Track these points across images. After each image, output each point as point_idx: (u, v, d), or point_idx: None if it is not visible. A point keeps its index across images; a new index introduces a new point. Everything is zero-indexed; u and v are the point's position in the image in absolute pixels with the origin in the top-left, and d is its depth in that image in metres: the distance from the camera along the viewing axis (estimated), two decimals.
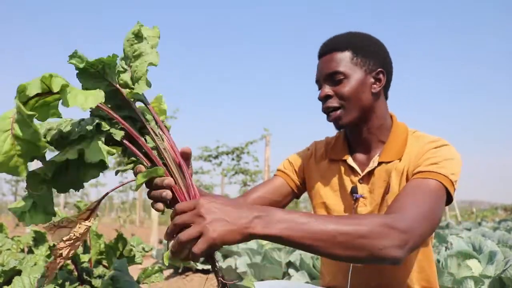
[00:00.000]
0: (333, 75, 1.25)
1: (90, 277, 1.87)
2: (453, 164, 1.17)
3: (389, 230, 0.92)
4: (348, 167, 1.35)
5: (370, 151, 1.33)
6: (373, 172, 1.30)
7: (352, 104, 1.25)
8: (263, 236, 0.84)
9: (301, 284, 1.47)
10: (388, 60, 1.32)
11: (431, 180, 1.13)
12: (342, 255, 0.89)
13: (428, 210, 1.04)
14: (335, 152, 1.40)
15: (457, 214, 16.80)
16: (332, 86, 1.26)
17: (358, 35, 1.31)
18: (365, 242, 0.89)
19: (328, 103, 1.26)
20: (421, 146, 1.24)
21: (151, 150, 0.88)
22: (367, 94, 1.27)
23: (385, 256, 0.92)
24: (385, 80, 1.30)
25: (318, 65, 1.32)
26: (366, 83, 1.26)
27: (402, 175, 1.24)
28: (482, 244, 2.81)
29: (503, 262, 2.54)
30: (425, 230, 1.01)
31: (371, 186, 1.30)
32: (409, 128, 1.34)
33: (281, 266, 3.55)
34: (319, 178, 1.41)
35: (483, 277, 2.42)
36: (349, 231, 0.89)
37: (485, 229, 4.82)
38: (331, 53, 1.28)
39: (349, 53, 1.26)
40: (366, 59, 1.27)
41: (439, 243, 3.85)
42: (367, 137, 1.32)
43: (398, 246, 0.93)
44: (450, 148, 1.22)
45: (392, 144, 1.29)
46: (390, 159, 1.27)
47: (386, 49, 1.33)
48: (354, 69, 1.25)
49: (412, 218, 0.99)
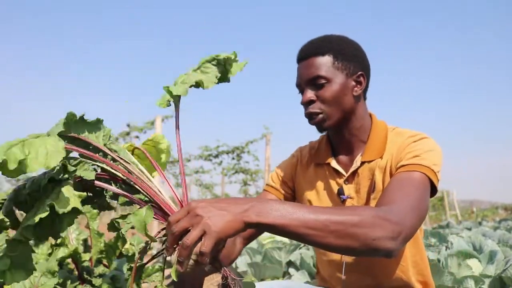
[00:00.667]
0: (315, 79, 1.27)
1: (90, 276, 1.87)
2: (434, 155, 1.19)
3: (381, 221, 0.93)
4: (332, 170, 1.37)
5: (353, 151, 1.35)
6: (357, 172, 1.32)
7: (335, 108, 1.27)
8: (258, 224, 0.84)
9: (300, 284, 1.47)
10: (367, 63, 1.34)
11: (415, 172, 1.15)
12: (335, 244, 0.89)
13: (417, 202, 1.07)
14: (319, 156, 1.42)
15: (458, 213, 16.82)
16: (314, 91, 1.28)
17: (337, 38, 1.32)
18: (358, 232, 0.90)
19: (311, 108, 1.28)
20: (401, 141, 1.26)
21: (128, 174, 0.88)
22: (349, 97, 1.29)
23: (378, 247, 0.92)
24: (365, 83, 1.32)
25: (299, 69, 1.33)
26: (347, 86, 1.28)
27: (385, 171, 1.27)
28: (483, 243, 2.82)
29: (503, 261, 2.55)
30: (416, 221, 1.03)
31: (356, 186, 1.32)
32: (388, 126, 1.37)
33: (281, 265, 3.55)
34: (307, 184, 1.43)
35: (483, 277, 2.42)
36: (341, 220, 0.90)
37: (486, 229, 4.83)
38: (312, 57, 1.29)
39: (329, 57, 1.27)
40: (347, 63, 1.29)
41: (439, 242, 3.85)
42: (348, 138, 1.34)
43: (391, 237, 0.93)
44: (429, 140, 1.25)
45: (372, 143, 1.32)
46: (372, 158, 1.30)
47: (364, 52, 1.35)
48: (336, 73, 1.27)
49: (402, 210, 1.01)
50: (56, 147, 0.74)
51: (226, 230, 0.80)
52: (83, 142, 0.91)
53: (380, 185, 1.27)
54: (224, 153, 12.59)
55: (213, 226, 0.79)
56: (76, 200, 0.79)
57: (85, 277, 1.83)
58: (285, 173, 1.49)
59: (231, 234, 0.82)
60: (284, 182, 1.48)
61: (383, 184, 1.27)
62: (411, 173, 1.15)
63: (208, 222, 0.80)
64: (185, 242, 0.79)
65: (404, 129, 1.34)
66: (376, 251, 0.93)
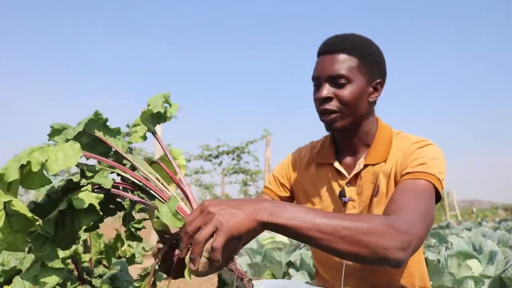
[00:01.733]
0: (337, 77, 1.24)
1: (90, 276, 1.87)
2: (439, 163, 1.19)
3: (392, 230, 0.93)
4: (335, 171, 1.36)
5: (356, 154, 1.35)
6: (360, 174, 1.31)
7: (350, 110, 1.26)
8: (270, 224, 0.84)
9: (299, 283, 1.47)
10: (385, 71, 1.34)
11: (421, 180, 1.14)
12: (345, 250, 0.89)
13: (424, 212, 1.06)
14: (322, 157, 1.41)
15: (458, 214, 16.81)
16: (333, 88, 1.25)
17: (366, 41, 1.30)
18: (369, 240, 0.89)
19: (327, 105, 1.25)
20: (406, 147, 1.26)
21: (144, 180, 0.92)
22: (365, 103, 1.28)
23: (388, 256, 0.91)
24: (381, 91, 1.32)
25: (321, 62, 1.28)
26: (366, 91, 1.27)
27: (390, 176, 1.26)
28: (483, 244, 2.81)
29: (503, 262, 2.55)
30: (424, 232, 1.02)
31: (358, 188, 1.31)
32: (393, 130, 1.36)
33: (281, 266, 3.55)
34: (307, 184, 1.42)
35: (483, 277, 2.42)
36: (352, 226, 0.89)
37: (486, 229, 4.83)
38: (339, 53, 1.25)
39: (357, 59, 1.25)
40: (371, 69, 1.27)
41: (439, 243, 3.85)
42: (354, 141, 1.34)
43: (401, 248, 0.92)
44: (434, 147, 1.24)
45: (377, 146, 1.31)
46: (375, 161, 1.29)
47: (385, 60, 1.34)
48: (358, 76, 1.25)
49: (411, 220, 1.00)
50: (73, 150, 0.78)
51: (238, 227, 0.81)
52: (104, 146, 0.94)
53: (384, 189, 1.26)
54: (224, 153, 12.60)
55: (225, 222, 0.80)
56: (93, 198, 0.82)
57: (84, 278, 1.83)
58: (282, 175, 1.48)
59: (244, 232, 0.82)
60: (282, 184, 1.47)
61: (387, 189, 1.26)
62: (417, 181, 1.15)
63: (220, 219, 0.80)
64: (196, 238, 0.79)
65: (409, 134, 1.33)
66: (386, 261, 0.92)
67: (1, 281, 1.55)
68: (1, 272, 1.56)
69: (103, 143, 0.95)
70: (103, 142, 0.94)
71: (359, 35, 1.31)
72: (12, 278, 1.44)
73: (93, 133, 0.93)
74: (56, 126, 0.91)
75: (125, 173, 0.92)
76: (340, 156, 1.38)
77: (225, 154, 12.66)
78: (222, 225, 0.80)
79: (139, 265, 3.12)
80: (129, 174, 0.92)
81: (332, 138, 1.42)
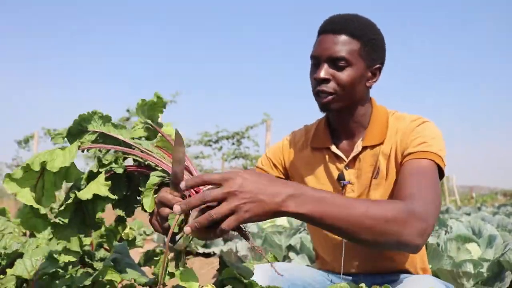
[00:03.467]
0: (338, 59, 1.22)
1: (92, 260, 1.88)
2: (439, 141, 1.20)
3: (411, 218, 0.94)
4: (332, 155, 1.35)
5: (353, 137, 1.34)
6: (358, 157, 1.31)
7: (347, 93, 1.24)
8: (295, 214, 0.83)
9: (301, 267, 1.48)
10: (385, 57, 1.32)
11: (425, 160, 1.15)
12: (370, 240, 0.90)
13: (434, 194, 1.06)
14: (318, 140, 1.39)
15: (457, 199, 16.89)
16: (332, 69, 1.23)
17: (368, 24, 1.27)
18: (392, 229, 0.90)
19: (324, 86, 1.24)
20: (404, 127, 1.26)
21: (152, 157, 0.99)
22: (362, 87, 1.27)
23: (409, 243, 0.93)
24: (379, 76, 1.30)
25: (322, 41, 1.25)
26: (364, 76, 1.26)
27: (389, 157, 1.26)
28: (482, 228, 2.83)
29: (502, 245, 2.56)
30: (436, 215, 1.04)
31: (357, 171, 1.31)
32: (388, 110, 1.35)
33: (281, 249, 3.57)
34: (303, 168, 1.41)
35: (482, 261, 2.43)
36: (376, 216, 0.89)
37: (485, 214, 4.85)
38: (341, 34, 1.22)
39: (359, 43, 1.22)
40: (372, 53, 1.25)
41: (439, 227, 3.87)
42: (350, 124, 1.33)
43: (419, 234, 0.94)
44: (431, 124, 1.25)
45: (373, 128, 1.30)
46: (373, 142, 1.29)
47: (385, 45, 1.32)
48: (359, 60, 1.23)
49: (426, 206, 1.01)
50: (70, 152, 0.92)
51: (256, 217, 0.79)
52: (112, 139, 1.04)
53: (384, 171, 1.26)
54: (224, 138, 12.58)
55: (244, 211, 0.78)
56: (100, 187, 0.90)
57: (86, 261, 1.84)
58: (275, 157, 1.47)
59: (262, 219, 0.81)
60: (275, 166, 1.47)
61: (387, 170, 1.26)
62: (420, 161, 1.15)
63: (242, 206, 0.78)
64: (211, 214, 0.77)
65: (403, 113, 1.33)
66: (406, 247, 0.95)
67: (4, 264, 1.56)
68: (4, 256, 1.57)
69: (112, 137, 1.04)
70: (111, 136, 1.04)
71: (364, 17, 1.29)
72: (14, 261, 1.44)
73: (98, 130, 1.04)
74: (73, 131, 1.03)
75: (137, 156, 0.99)
76: (336, 140, 1.37)
77: (225, 139, 12.65)
78: (241, 212, 0.78)
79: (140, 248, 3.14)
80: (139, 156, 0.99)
81: (326, 121, 1.40)
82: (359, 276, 1.38)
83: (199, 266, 4.17)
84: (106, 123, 1.05)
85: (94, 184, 0.91)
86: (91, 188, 0.90)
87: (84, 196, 0.88)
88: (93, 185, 0.91)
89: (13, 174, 0.86)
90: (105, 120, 1.05)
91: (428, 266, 1.40)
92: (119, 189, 1.03)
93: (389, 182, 1.26)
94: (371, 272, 1.37)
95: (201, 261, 4.34)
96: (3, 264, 1.55)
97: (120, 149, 1.01)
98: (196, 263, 4.30)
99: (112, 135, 1.04)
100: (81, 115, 1.01)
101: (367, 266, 1.36)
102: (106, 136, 1.05)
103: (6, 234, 1.88)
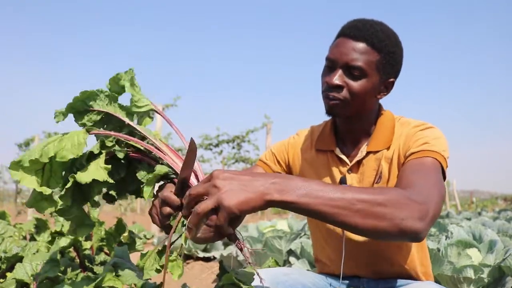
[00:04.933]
0: (354, 68, 1.19)
1: (92, 263, 1.88)
2: (442, 142, 1.18)
3: (408, 200, 0.88)
4: (336, 158, 1.35)
5: (358, 141, 1.34)
6: (362, 162, 1.30)
7: (356, 103, 1.23)
8: (280, 202, 0.80)
9: (301, 271, 1.48)
10: (400, 70, 1.29)
11: (428, 158, 1.13)
12: (361, 224, 0.83)
13: (435, 182, 1.02)
14: (322, 143, 1.39)
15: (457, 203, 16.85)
16: (346, 77, 1.21)
17: (390, 35, 1.23)
18: (385, 211, 0.84)
19: (335, 93, 1.22)
20: (407, 131, 1.25)
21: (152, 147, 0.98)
22: (373, 99, 1.26)
23: (406, 228, 0.86)
24: (391, 90, 1.28)
25: (340, 45, 1.21)
26: (377, 89, 1.25)
27: (392, 162, 1.25)
28: (483, 233, 2.82)
29: (503, 251, 2.55)
30: (439, 200, 0.97)
31: (360, 176, 1.31)
32: (395, 116, 1.34)
33: (282, 254, 3.57)
34: (306, 168, 1.41)
35: (482, 266, 2.43)
36: (367, 199, 0.84)
37: (485, 219, 4.83)
38: (360, 42, 1.19)
39: (378, 55, 1.20)
40: (389, 67, 1.23)
41: (439, 232, 3.86)
42: (356, 129, 1.33)
43: (418, 218, 0.87)
44: (435, 129, 1.24)
45: (379, 134, 1.30)
46: (378, 148, 1.28)
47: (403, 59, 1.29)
48: (375, 72, 1.21)
49: (425, 189, 0.96)
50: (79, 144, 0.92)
51: (241, 207, 0.77)
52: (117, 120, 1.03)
53: (386, 175, 1.26)
54: (224, 142, 12.59)
55: (227, 200, 0.76)
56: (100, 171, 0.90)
57: (86, 265, 1.84)
58: (280, 154, 1.47)
59: (249, 210, 0.78)
60: (278, 162, 1.46)
61: (389, 174, 1.26)
62: (422, 159, 1.13)
63: (223, 196, 0.76)
64: (196, 209, 0.78)
65: (409, 118, 1.32)
66: (404, 233, 0.87)
67: (4, 268, 1.56)
68: (4, 259, 1.56)
69: (117, 119, 1.02)
70: (117, 118, 1.02)
71: (387, 27, 1.25)
72: (14, 265, 1.44)
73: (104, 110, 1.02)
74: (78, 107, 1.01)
75: (137, 144, 0.98)
76: (341, 144, 1.37)
77: (225, 143, 12.65)
78: (223, 203, 0.76)
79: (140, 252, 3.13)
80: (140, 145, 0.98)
81: (332, 125, 1.40)
82: (361, 280, 1.38)
83: (199, 271, 4.16)
84: (112, 102, 1.02)
85: (94, 166, 0.91)
86: (90, 171, 0.90)
87: (83, 180, 0.88)
88: (92, 167, 0.91)
89: (20, 162, 0.86)
90: (111, 99, 1.02)
91: (430, 271, 1.39)
92: (117, 172, 1.00)
93: (391, 186, 1.26)
94: (372, 276, 1.36)
95: (202, 265, 4.33)
96: (3, 267, 1.55)
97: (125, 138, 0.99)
98: (196, 267, 4.29)
99: (119, 116, 1.01)
100: (85, 92, 0.98)
101: (367, 269, 1.36)
102: (112, 117, 1.02)
103: (6, 238, 1.88)
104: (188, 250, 4.47)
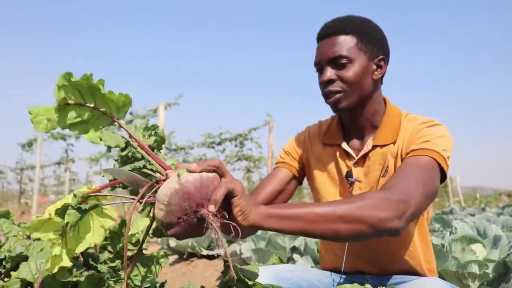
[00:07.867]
0: (337, 59, 1.24)
1: (96, 262, 1.88)
2: (444, 141, 1.19)
3: (385, 201, 0.95)
4: (343, 152, 1.36)
5: (364, 135, 1.35)
6: (368, 155, 1.31)
7: (354, 89, 1.25)
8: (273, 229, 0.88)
9: (306, 268, 1.48)
10: (388, 48, 1.33)
11: (424, 156, 1.15)
12: (345, 230, 0.91)
13: (423, 180, 1.07)
14: (330, 137, 1.41)
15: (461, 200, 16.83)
16: (335, 70, 1.26)
17: (361, 20, 1.30)
18: (364, 214, 0.92)
19: (331, 87, 1.26)
20: (413, 127, 1.26)
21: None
22: (369, 81, 1.28)
23: (385, 227, 0.94)
24: (385, 68, 1.31)
25: (320, 47, 1.30)
26: (368, 69, 1.27)
27: (397, 157, 1.27)
28: (487, 228, 2.81)
29: (507, 246, 2.54)
30: (421, 199, 1.04)
31: (366, 169, 1.32)
32: (402, 111, 1.35)
33: (285, 251, 3.57)
34: (315, 162, 1.43)
35: (487, 261, 2.42)
36: (347, 205, 0.92)
37: (489, 214, 4.82)
38: (335, 36, 1.26)
39: (354, 38, 1.25)
40: (370, 46, 1.27)
41: (443, 227, 3.86)
42: (361, 122, 1.34)
43: (396, 216, 0.95)
44: (441, 127, 1.25)
45: (385, 128, 1.31)
46: (384, 142, 1.29)
47: (386, 36, 1.33)
48: (359, 54, 1.25)
49: (406, 188, 1.02)
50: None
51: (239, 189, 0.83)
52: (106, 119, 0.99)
53: (392, 170, 1.27)
54: (227, 140, 12.58)
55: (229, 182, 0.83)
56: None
57: (90, 264, 1.84)
58: (293, 150, 1.49)
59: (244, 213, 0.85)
60: (294, 158, 1.48)
61: (395, 168, 1.27)
62: (419, 157, 1.16)
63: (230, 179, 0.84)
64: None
65: (416, 115, 1.33)
66: (383, 232, 0.95)
67: (8, 267, 1.56)
68: (8, 259, 1.57)
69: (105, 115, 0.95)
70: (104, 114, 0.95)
71: (356, 15, 1.32)
72: (19, 264, 1.44)
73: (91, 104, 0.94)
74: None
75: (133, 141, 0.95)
76: (347, 138, 1.38)
77: (228, 141, 12.65)
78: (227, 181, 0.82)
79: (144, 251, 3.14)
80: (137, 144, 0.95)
81: (339, 119, 1.42)
82: (365, 277, 1.38)
83: (203, 268, 4.17)
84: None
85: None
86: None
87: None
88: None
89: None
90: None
91: (435, 267, 1.39)
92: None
93: None
94: (376, 272, 1.36)
95: (205, 263, 4.34)
96: (7, 267, 1.55)
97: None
98: (200, 265, 4.29)
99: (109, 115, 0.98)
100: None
101: (372, 265, 1.36)
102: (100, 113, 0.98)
103: (10, 237, 1.88)
104: (192, 248, 4.47)
